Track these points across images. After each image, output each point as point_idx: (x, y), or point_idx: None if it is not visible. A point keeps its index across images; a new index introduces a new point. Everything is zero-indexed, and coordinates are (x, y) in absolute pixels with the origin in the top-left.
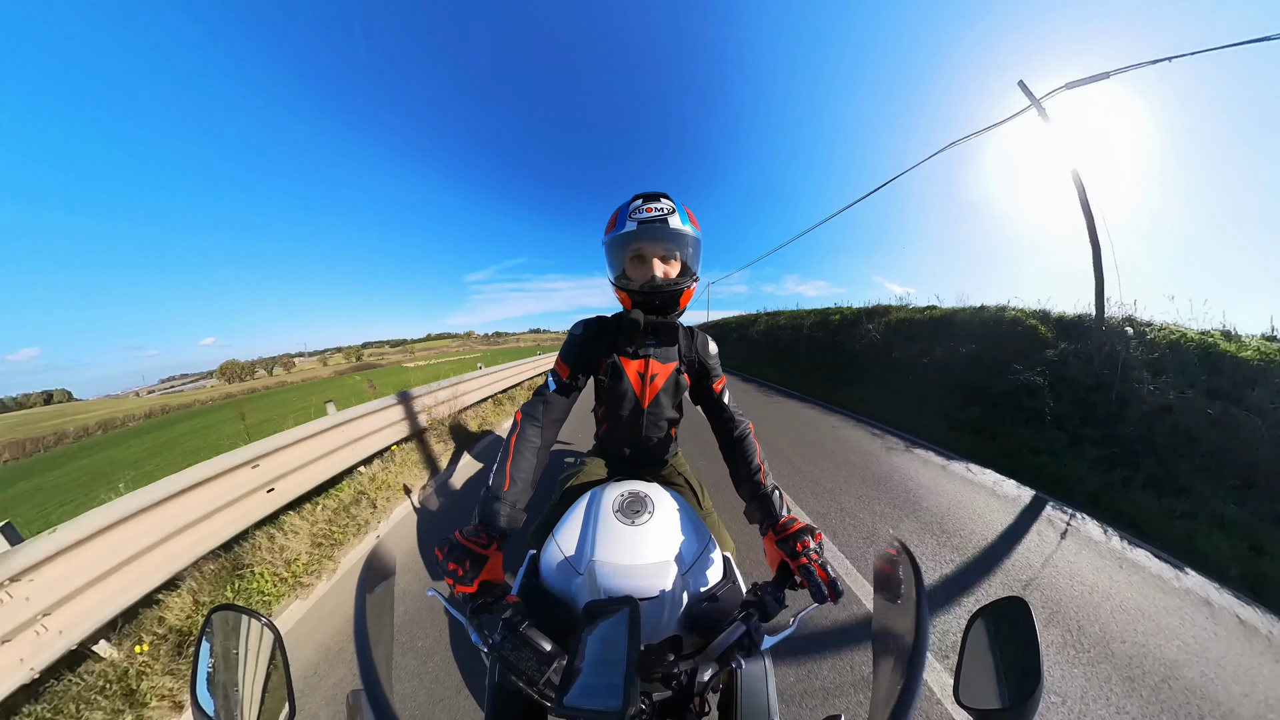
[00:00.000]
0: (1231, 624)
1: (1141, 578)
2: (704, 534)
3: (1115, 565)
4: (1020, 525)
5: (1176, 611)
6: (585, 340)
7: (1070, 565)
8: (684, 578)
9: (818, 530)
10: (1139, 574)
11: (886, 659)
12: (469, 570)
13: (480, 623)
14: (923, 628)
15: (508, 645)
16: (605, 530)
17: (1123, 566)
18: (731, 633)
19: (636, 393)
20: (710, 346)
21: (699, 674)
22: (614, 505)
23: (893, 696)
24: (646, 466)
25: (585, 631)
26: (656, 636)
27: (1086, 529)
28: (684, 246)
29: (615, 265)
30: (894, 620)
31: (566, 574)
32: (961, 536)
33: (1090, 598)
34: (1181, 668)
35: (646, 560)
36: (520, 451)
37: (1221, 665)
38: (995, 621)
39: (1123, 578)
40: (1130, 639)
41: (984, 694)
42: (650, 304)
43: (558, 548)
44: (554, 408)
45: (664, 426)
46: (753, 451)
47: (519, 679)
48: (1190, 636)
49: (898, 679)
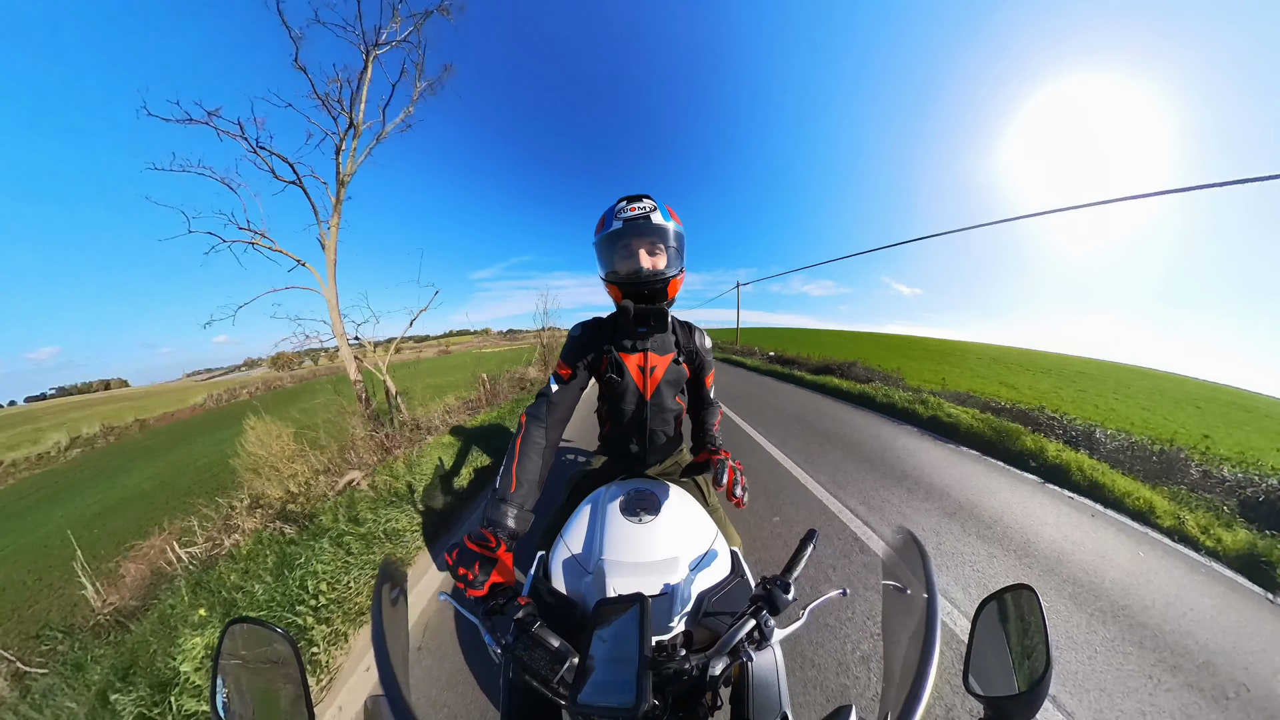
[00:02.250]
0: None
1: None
2: (711, 529)
3: None
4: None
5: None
6: (585, 340)
7: None
8: (692, 574)
9: (736, 460)
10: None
11: (897, 648)
12: (479, 574)
13: (493, 625)
14: (933, 617)
15: (521, 646)
16: (613, 529)
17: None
18: (741, 626)
19: (638, 385)
20: (705, 340)
21: (710, 668)
22: (621, 504)
23: (905, 686)
24: (653, 463)
25: (596, 630)
26: (667, 632)
27: None
28: (667, 239)
29: (606, 263)
30: (904, 610)
31: (576, 573)
32: None
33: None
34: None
35: (654, 557)
36: (526, 454)
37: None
38: (1004, 609)
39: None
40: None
41: (993, 681)
42: (639, 294)
43: (566, 548)
44: (557, 408)
45: (668, 419)
46: (714, 418)
47: (533, 679)
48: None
49: (909, 668)
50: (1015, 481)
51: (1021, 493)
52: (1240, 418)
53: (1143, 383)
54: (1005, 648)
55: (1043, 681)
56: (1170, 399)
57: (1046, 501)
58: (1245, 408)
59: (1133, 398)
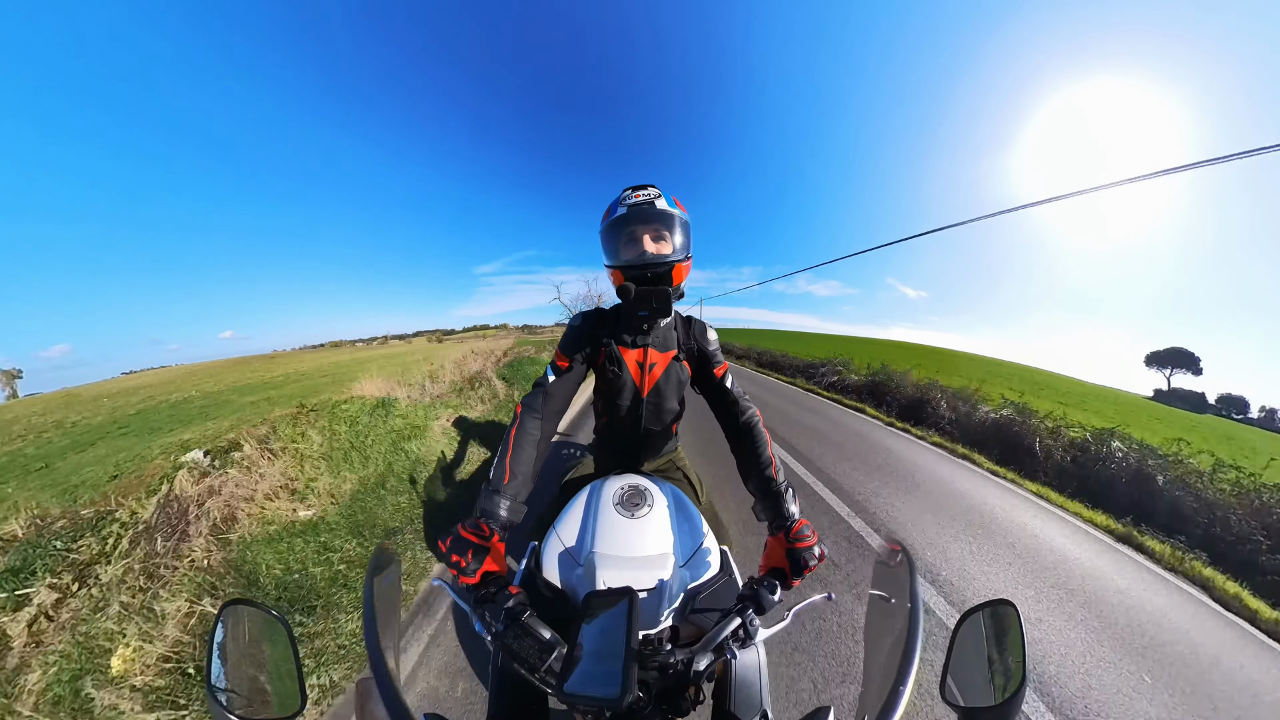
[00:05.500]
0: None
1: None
2: (702, 528)
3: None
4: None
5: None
6: (584, 330)
7: None
8: (682, 570)
9: (823, 549)
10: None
11: (878, 654)
12: (471, 561)
13: (484, 612)
14: (915, 626)
15: (510, 634)
16: (605, 522)
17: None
18: (726, 624)
19: (636, 382)
20: (709, 333)
21: (695, 663)
22: (614, 498)
23: (884, 691)
24: (646, 460)
25: (585, 621)
26: (654, 627)
27: None
28: (672, 226)
29: (611, 251)
30: (888, 617)
31: (567, 565)
32: None
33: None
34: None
35: (645, 552)
36: (520, 444)
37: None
38: (983, 622)
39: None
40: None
41: (969, 691)
42: (643, 278)
43: (558, 539)
44: (553, 399)
45: (664, 419)
46: (762, 442)
47: (521, 666)
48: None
49: (889, 674)
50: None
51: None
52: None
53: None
54: (983, 660)
55: (1017, 694)
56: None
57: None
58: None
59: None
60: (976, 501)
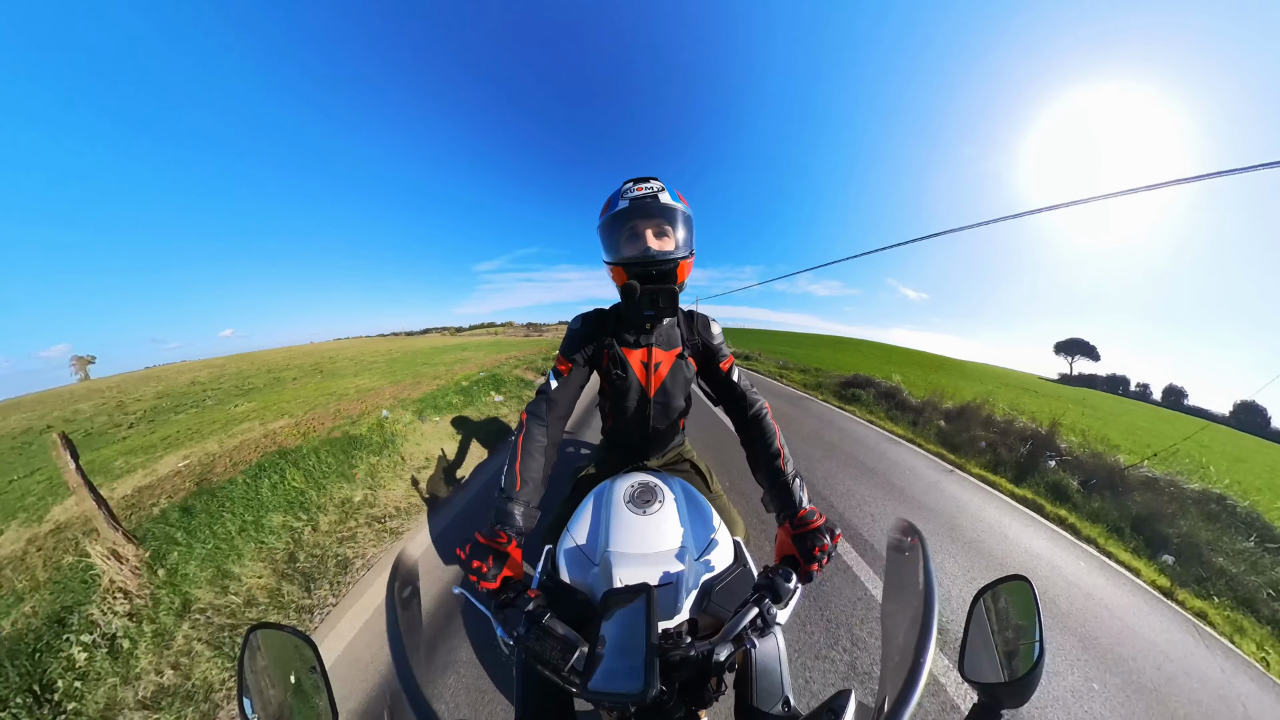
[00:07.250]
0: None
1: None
2: (714, 520)
3: None
4: None
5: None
6: (585, 333)
7: None
8: (696, 563)
9: (837, 530)
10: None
11: (895, 636)
12: (492, 567)
13: (505, 617)
14: (930, 606)
15: (532, 637)
16: (618, 521)
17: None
18: (744, 614)
19: (641, 382)
20: (713, 327)
21: (715, 654)
22: (625, 496)
23: (901, 672)
24: (655, 456)
25: (604, 619)
26: (673, 621)
27: None
28: (675, 220)
29: (611, 246)
30: (903, 599)
31: (583, 565)
32: None
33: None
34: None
35: (659, 548)
36: (528, 452)
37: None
38: (999, 599)
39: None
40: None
41: (988, 668)
42: (646, 275)
43: (572, 541)
44: (557, 405)
45: (672, 416)
46: (771, 434)
47: (545, 668)
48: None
49: (906, 655)
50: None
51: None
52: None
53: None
54: (1000, 636)
55: (1035, 669)
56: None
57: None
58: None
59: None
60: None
